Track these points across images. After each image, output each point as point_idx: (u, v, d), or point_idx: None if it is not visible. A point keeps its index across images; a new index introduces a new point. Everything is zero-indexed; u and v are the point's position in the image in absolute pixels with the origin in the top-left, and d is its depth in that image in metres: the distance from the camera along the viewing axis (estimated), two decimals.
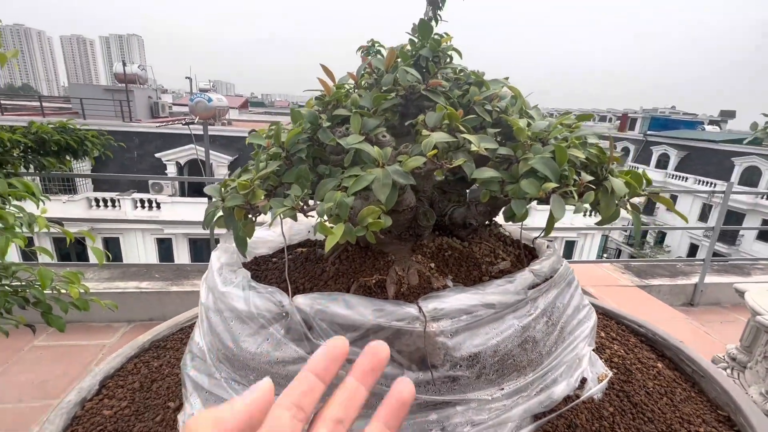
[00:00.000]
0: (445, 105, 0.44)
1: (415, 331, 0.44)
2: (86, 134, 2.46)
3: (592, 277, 4.24)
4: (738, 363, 1.95)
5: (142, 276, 3.83)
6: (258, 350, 0.47)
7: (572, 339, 0.57)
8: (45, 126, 2.24)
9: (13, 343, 3.04)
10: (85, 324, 3.35)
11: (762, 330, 1.70)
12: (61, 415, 0.60)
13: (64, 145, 2.33)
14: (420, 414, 0.48)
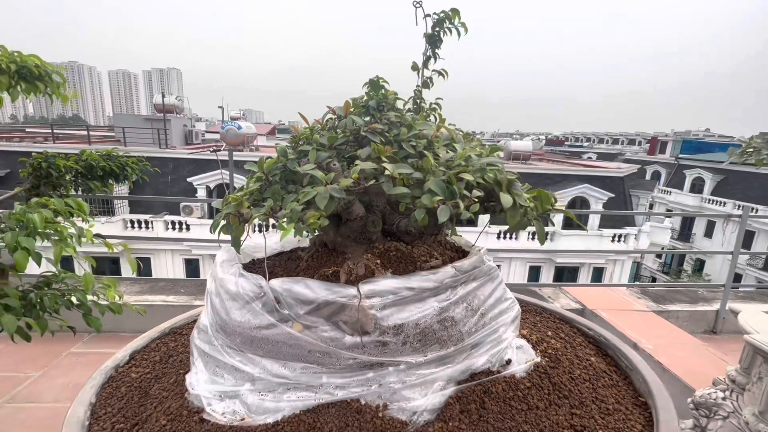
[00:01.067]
0: (377, 143, 0.62)
1: (354, 305, 0.60)
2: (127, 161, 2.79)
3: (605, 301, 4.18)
4: (737, 385, 1.95)
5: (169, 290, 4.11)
6: (242, 320, 0.64)
7: (494, 324, 0.70)
8: (93, 154, 2.56)
9: (52, 350, 3.33)
10: (116, 334, 3.63)
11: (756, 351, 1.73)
12: (100, 375, 0.79)
13: (108, 171, 2.65)
14: (360, 372, 0.63)
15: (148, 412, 0.69)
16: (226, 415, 0.63)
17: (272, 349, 0.63)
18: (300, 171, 0.57)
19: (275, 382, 0.63)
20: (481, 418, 0.63)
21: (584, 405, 0.71)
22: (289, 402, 0.62)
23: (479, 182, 0.60)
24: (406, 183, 0.56)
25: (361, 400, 0.62)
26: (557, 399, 0.71)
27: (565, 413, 0.69)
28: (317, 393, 0.63)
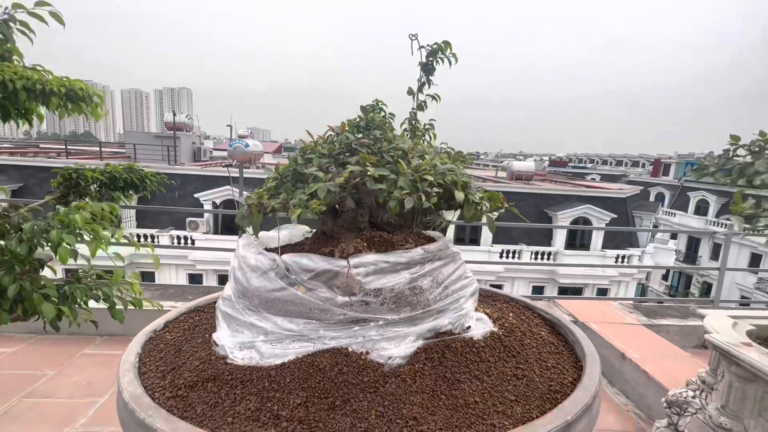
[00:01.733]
0: (364, 152, 0.83)
1: (345, 273, 0.80)
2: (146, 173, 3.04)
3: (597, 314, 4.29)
4: (707, 385, 2.10)
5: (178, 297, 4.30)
6: (260, 285, 0.84)
7: (455, 295, 0.89)
8: (117, 167, 2.80)
9: (66, 351, 3.51)
10: (126, 337, 3.80)
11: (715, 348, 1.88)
12: (143, 336, 0.99)
13: (129, 182, 2.89)
14: (348, 326, 0.82)
15: (182, 360, 0.88)
16: (244, 360, 0.83)
17: (282, 308, 0.83)
18: (306, 172, 0.79)
19: (283, 335, 0.83)
20: (441, 364, 0.82)
21: (528, 363, 0.89)
22: (294, 349, 0.82)
23: (440, 182, 0.81)
24: (385, 182, 0.77)
25: (349, 348, 0.82)
26: (506, 357, 0.89)
27: (511, 367, 0.87)
28: (315, 343, 0.82)
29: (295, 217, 0.71)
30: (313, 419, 0.70)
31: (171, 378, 0.82)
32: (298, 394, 0.74)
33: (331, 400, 0.73)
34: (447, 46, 2.16)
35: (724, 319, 2.02)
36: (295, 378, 0.77)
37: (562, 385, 0.84)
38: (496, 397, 0.78)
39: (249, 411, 0.72)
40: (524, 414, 0.74)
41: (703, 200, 30.34)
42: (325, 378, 0.76)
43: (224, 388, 0.77)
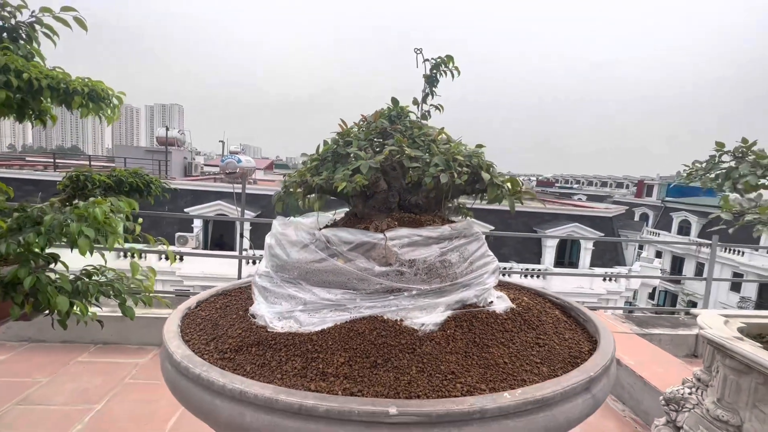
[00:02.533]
0: (399, 136, 0.91)
1: (381, 244, 0.86)
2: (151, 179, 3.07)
3: None
4: (702, 382, 2.17)
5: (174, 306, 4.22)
6: (300, 257, 0.89)
7: (479, 271, 0.96)
8: (123, 171, 2.82)
9: (59, 359, 3.43)
10: (121, 346, 3.73)
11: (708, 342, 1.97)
12: (178, 312, 1.02)
13: (135, 187, 2.91)
14: (383, 296, 0.88)
15: (222, 331, 0.92)
16: (284, 328, 0.87)
17: (321, 279, 0.89)
18: (349, 152, 0.86)
19: (322, 304, 0.88)
20: (470, 331, 0.88)
21: (547, 334, 0.96)
22: (332, 318, 0.87)
23: (467, 164, 0.89)
24: (418, 161, 0.85)
25: (384, 315, 0.87)
26: (527, 329, 0.96)
27: (532, 337, 0.93)
28: (351, 312, 0.88)
29: (341, 187, 0.78)
30: (358, 375, 0.75)
31: (215, 344, 0.86)
32: (341, 354, 0.79)
33: (372, 359, 0.78)
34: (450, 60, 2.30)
35: (716, 317, 2.12)
36: (336, 341, 0.82)
37: (581, 353, 0.91)
38: (523, 359, 0.84)
39: (296, 369, 0.76)
40: (550, 373, 0.80)
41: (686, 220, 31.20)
42: (365, 341, 0.81)
43: (269, 351, 0.82)
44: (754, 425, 1.74)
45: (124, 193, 2.91)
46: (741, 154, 1.77)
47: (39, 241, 1.69)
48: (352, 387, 0.71)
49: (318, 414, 0.63)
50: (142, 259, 13.78)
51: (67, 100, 1.95)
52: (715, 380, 1.97)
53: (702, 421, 1.97)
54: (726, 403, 1.86)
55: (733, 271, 25.12)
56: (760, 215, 1.37)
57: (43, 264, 1.84)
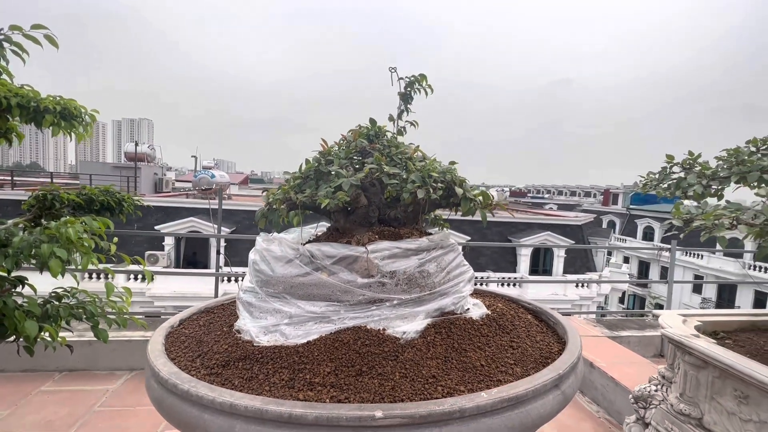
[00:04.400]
0: (377, 154, 0.97)
1: (363, 257, 0.90)
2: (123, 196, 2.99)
3: None
4: (666, 379, 2.31)
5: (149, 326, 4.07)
6: (285, 272, 0.92)
7: (456, 279, 1.02)
8: (93, 189, 2.74)
9: (21, 389, 3.22)
10: (89, 372, 3.54)
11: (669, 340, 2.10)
12: (162, 330, 1.02)
13: (106, 205, 2.83)
14: (366, 307, 0.91)
15: (207, 348, 0.93)
16: (270, 342, 0.90)
17: (306, 292, 0.92)
18: (330, 170, 0.91)
19: (307, 317, 0.91)
20: (449, 337, 0.93)
21: (520, 337, 1.02)
22: (317, 330, 0.90)
23: (442, 180, 0.95)
24: (397, 178, 0.91)
25: (368, 325, 0.91)
26: (501, 333, 1.02)
27: (506, 340, 0.99)
28: (336, 324, 0.92)
29: (324, 203, 0.83)
30: (344, 383, 0.78)
31: (201, 361, 0.87)
32: (326, 364, 0.82)
33: (357, 367, 0.82)
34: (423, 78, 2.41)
35: (675, 317, 2.27)
36: (322, 352, 0.85)
37: (551, 353, 0.98)
38: (498, 361, 0.89)
39: (283, 381, 0.79)
40: (523, 372, 0.86)
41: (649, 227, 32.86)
42: (350, 350, 0.85)
43: (256, 365, 0.84)
44: (713, 417, 1.86)
45: (94, 211, 2.82)
46: (689, 165, 1.94)
47: (6, 263, 1.64)
48: (339, 395, 0.74)
49: (308, 422, 0.66)
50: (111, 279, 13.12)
51: (36, 119, 1.91)
52: (677, 376, 2.10)
53: (667, 416, 2.09)
54: (687, 397, 1.99)
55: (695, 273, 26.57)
56: (705, 221, 1.51)
57: (8, 287, 1.77)
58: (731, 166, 1.70)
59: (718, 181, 1.70)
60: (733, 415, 1.74)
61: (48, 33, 1.91)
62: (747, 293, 23.28)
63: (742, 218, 1.44)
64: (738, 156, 1.73)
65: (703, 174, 1.80)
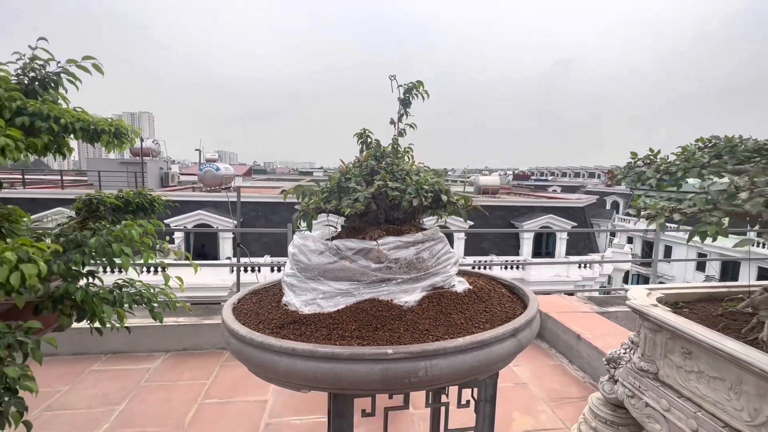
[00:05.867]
0: (384, 173, 1.30)
1: (375, 248, 1.25)
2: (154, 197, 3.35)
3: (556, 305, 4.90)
4: (634, 344, 2.67)
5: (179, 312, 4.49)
6: (319, 261, 1.27)
7: (444, 263, 1.37)
8: (129, 192, 3.09)
9: (74, 369, 3.67)
10: (131, 354, 3.99)
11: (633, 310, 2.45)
12: (228, 308, 1.39)
13: (140, 206, 3.20)
14: (378, 284, 1.27)
15: (264, 317, 1.30)
16: (310, 311, 1.26)
17: (334, 275, 1.28)
18: (349, 186, 1.26)
19: (335, 292, 1.27)
20: (439, 304, 1.29)
21: (493, 305, 1.38)
22: (343, 301, 1.26)
23: (431, 191, 1.30)
24: (398, 190, 1.26)
25: (379, 297, 1.27)
26: (478, 302, 1.37)
27: (482, 307, 1.35)
28: (356, 297, 1.28)
29: (346, 211, 1.18)
30: (365, 335, 1.14)
31: (263, 325, 1.24)
32: (352, 324, 1.18)
33: (374, 325, 1.18)
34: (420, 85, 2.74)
35: (641, 291, 2.64)
36: (348, 316, 1.21)
37: (515, 315, 1.33)
38: (474, 321, 1.25)
39: (323, 335, 1.15)
40: (491, 327, 1.22)
41: None
42: (368, 314, 1.21)
43: (302, 326, 1.20)
44: (666, 371, 2.25)
45: (131, 212, 3.21)
46: (649, 161, 2.25)
47: (85, 260, 2.03)
48: (362, 342, 1.11)
49: (343, 357, 1.02)
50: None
51: (94, 138, 2.28)
52: (640, 341, 2.47)
53: (631, 373, 2.48)
54: (646, 356, 2.37)
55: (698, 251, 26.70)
56: (651, 211, 1.83)
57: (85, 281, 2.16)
58: (681, 162, 2.01)
59: (669, 174, 2.02)
60: (680, 369, 2.12)
61: (96, 62, 2.27)
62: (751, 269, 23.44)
63: (679, 208, 1.76)
64: (686, 153, 2.05)
65: (659, 169, 2.12)
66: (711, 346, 1.83)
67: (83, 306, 2.02)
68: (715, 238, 1.74)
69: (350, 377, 1.01)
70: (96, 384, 3.42)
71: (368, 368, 1.00)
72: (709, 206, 1.75)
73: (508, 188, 32.76)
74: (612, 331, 4.18)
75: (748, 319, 2.15)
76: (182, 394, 3.28)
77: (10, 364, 1.53)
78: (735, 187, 1.76)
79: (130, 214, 3.20)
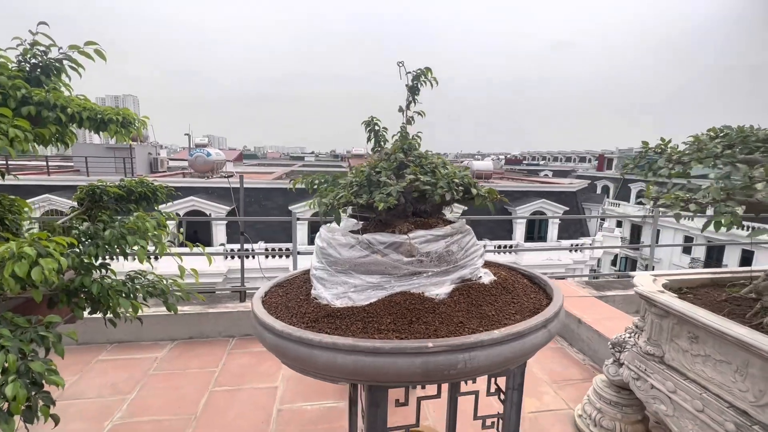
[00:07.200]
0: (414, 166, 1.30)
1: (407, 242, 1.26)
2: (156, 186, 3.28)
3: None
4: (638, 328, 2.75)
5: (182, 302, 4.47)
6: (350, 255, 1.28)
7: (471, 255, 1.38)
8: (131, 181, 3.01)
9: (81, 359, 3.66)
10: (136, 343, 3.98)
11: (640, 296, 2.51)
12: (257, 302, 1.39)
13: (143, 195, 3.14)
14: (409, 277, 1.28)
15: (296, 310, 1.31)
16: (342, 304, 1.27)
17: (366, 269, 1.28)
18: (380, 180, 1.25)
19: (367, 286, 1.28)
20: (468, 296, 1.31)
21: (519, 296, 1.41)
22: (375, 295, 1.27)
23: (462, 183, 1.30)
24: (428, 184, 1.26)
25: (410, 290, 1.29)
26: (505, 293, 1.40)
27: (509, 298, 1.38)
28: (387, 290, 1.29)
29: (380, 206, 1.17)
30: (401, 328, 1.16)
31: (297, 318, 1.25)
32: (387, 317, 1.20)
33: (408, 318, 1.20)
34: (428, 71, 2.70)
35: (647, 277, 2.70)
36: (381, 309, 1.23)
37: (541, 305, 1.36)
38: (504, 312, 1.28)
39: (359, 329, 1.17)
40: (522, 319, 1.25)
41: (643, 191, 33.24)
42: (402, 307, 1.23)
43: (337, 320, 1.21)
44: (671, 354, 2.32)
45: (134, 201, 3.15)
46: (660, 150, 2.28)
47: (100, 252, 2.00)
48: (399, 336, 1.12)
49: (385, 351, 1.03)
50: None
51: (101, 127, 2.22)
52: (646, 325, 2.55)
53: (636, 356, 2.56)
54: (652, 340, 2.44)
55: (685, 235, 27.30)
56: (666, 201, 1.86)
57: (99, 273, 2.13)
58: (693, 152, 2.04)
59: (682, 164, 2.05)
60: (686, 352, 2.20)
61: (98, 48, 2.19)
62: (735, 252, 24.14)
63: (694, 198, 1.80)
64: (699, 143, 2.07)
65: (671, 158, 2.14)
66: (719, 332, 1.90)
67: (99, 299, 2.01)
68: (729, 227, 1.78)
69: (392, 370, 1.02)
70: (104, 373, 3.43)
71: (409, 361, 1.02)
72: (722, 196, 1.79)
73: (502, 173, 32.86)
74: (611, 314, 4.30)
75: (752, 305, 2.23)
76: (192, 382, 3.31)
77: (34, 358, 1.52)
78: (749, 177, 1.79)
79: (133, 203, 3.14)
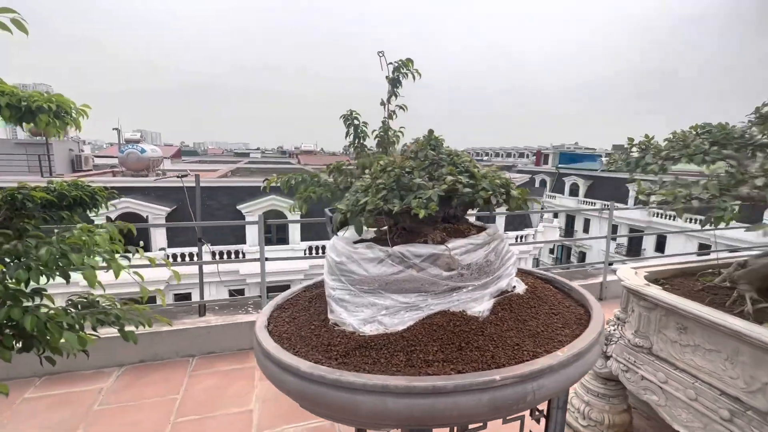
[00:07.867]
0: (451, 167, 1.13)
1: (446, 254, 1.09)
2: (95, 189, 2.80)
3: None
4: (621, 320, 2.83)
5: None
6: (380, 272, 1.07)
7: (507, 264, 1.25)
8: (63, 183, 2.53)
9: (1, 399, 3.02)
10: (73, 373, 3.39)
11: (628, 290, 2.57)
12: (263, 334, 1.13)
13: (78, 200, 2.66)
14: (448, 294, 1.11)
15: (316, 342, 1.08)
16: (372, 331, 1.06)
17: (399, 287, 1.09)
18: (414, 182, 1.06)
19: (399, 307, 1.09)
20: (512, 311, 1.17)
21: (554, 306, 1.30)
22: (410, 317, 1.08)
23: (503, 185, 1.15)
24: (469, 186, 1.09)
25: (450, 309, 1.11)
26: (542, 303, 1.28)
27: (547, 308, 1.26)
28: (423, 310, 1.10)
29: (420, 213, 0.99)
30: (451, 357, 0.99)
31: (322, 354, 1.02)
32: (432, 344, 1.02)
33: (457, 343, 1.02)
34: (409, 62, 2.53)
35: (628, 270, 2.75)
36: (423, 335, 1.04)
37: (581, 315, 1.26)
38: (551, 326, 1.16)
39: (402, 362, 0.97)
40: (571, 333, 1.13)
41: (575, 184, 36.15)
42: (446, 331, 1.05)
43: (372, 351, 1.01)
44: (660, 345, 2.37)
45: (66, 208, 2.65)
46: (645, 146, 2.33)
47: (32, 276, 1.59)
48: (454, 366, 0.95)
49: (447, 390, 0.85)
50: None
51: (27, 118, 1.77)
52: (630, 317, 2.60)
53: (625, 348, 2.60)
54: (640, 332, 2.49)
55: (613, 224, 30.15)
56: (665, 197, 1.88)
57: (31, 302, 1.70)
58: (680, 149, 2.10)
59: (671, 160, 2.10)
60: (675, 343, 2.25)
61: (17, 17, 1.75)
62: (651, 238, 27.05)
63: (694, 194, 1.83)
64: (684, 140, 2.13)
65: (658, 155, 2.19)
66: (711, 322, 1.95)
67: (33, 334, 1.60)
68: (728, 222, 1.83)
69: (454, 412, 0.85)
70: (35, 415, 2.84)
71: (476, 399, 0.86)
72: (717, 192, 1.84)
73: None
74: None
75: (728, 293, 2.35)
76: (150, 415, 2.86)
77: None
78: (740, 173, 1.87)
79: (66, 210, 2.64)
